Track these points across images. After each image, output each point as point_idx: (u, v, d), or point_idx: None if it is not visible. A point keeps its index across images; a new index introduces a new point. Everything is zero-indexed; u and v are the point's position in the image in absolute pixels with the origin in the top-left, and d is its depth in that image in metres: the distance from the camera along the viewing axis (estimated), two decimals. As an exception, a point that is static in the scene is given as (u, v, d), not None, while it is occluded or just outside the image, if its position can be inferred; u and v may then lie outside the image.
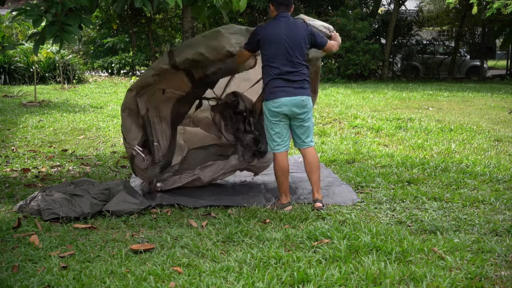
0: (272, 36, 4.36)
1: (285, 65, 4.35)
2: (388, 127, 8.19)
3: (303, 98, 4.38)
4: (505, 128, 8.25)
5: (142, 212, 4.34)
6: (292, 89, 4.35)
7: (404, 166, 5.81)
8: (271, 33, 4.37)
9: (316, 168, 4.49)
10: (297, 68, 4.38)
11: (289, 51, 4.34)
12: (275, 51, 4.35)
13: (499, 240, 3.69)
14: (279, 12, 4.46)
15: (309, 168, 4.50)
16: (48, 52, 12.61)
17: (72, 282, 3.03)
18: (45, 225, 4.02)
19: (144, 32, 20.70)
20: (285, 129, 4.46)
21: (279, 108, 4.36)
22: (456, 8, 19.22)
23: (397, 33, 20.04)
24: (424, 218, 4.13)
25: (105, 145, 7.16)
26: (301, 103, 4.38)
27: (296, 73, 4.37)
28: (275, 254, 3.37)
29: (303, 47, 4.41)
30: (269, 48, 4.36)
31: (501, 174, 5.41)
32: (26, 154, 6.51)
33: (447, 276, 3.07)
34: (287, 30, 4.38)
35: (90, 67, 19.50)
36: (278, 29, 4.38)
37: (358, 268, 3.18)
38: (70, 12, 4.25)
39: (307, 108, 4.43)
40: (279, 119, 4.41)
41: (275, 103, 4.36)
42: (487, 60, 22.16)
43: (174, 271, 3.18)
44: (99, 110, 10.15)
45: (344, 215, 4.21)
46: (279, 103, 4.35)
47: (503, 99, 12.30)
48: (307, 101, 4.42)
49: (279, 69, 4.35)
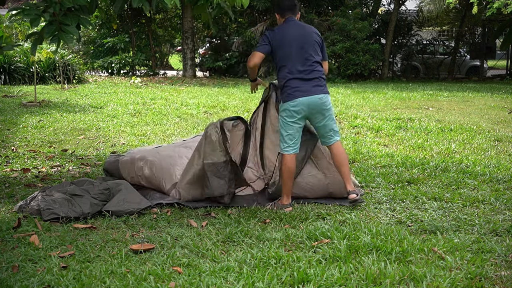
0: (283, 37, 4.40)
1: (299, 64, 4.37)
2: (388, 127, 8.19)
3: (321, 96, 4.40)
4: (505, 128, 8.25)
5: (142, 212, 4.34)
6: (309, 88, 4.36)
7: (404, 166, 5.81)
8: (282, 35, 4.42)
9: (344, 159, 4.54)
10: (311, 66, 4.40)
11: (301, 50, 4.38)
12: (288, 52, 4.38)
13: (499, 240, 3.69)
14: (286, 18, 4.52)
15: (338, 161, 4.54)
16: (48, 52, 12.60)
17: (72, 282, 3.03)
18: (45, 225, 4.02)
19: (144, 32, 20.69)
20: (298, 132, 4.46)
21: (297, 107, 4.37)
22: (456, 8, 19.22)
23: (397, 33, 20.03)
24: (424, 218, 4.13)
25: (105, 145, 7.16)
26: (319, 101, 4.39)
27: (311, 71, 4.39)
28: (275, 254, 3.38)
29: (315, 45, 4.45)
30: (281, 49, 4.40)
31: (501, 174, 5.41)
32: (26, 154, 6.51)
33: (447, 276, 3.07)
34: (297, 30, 4.44)
35: (90, 67, 19.49)
36: (288, 31, 4.44)
37: (358, 268, 3.18)
38: (69, 12, 4.25)
39: (325, 106, 4.44)
40: (295, 120, 4.41)
41: (293, 103, 4.36)
42: (487, 60, 22.16)
43: (174, 271, 3.18)
44: (99, 110, 10.15)
45: (344, 215, 4.21)
46: (297, 103, 4.36)
47: (503, 99, 12.29)
48: (325, 98, 4.43)
49: (293, 69, 4.37)
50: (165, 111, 9.95)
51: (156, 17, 21.39)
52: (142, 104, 10.89)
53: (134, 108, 10.26)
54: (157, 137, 7.59)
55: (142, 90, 13.93)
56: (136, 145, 7.07)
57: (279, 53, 4.41)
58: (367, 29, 17.19)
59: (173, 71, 22.38)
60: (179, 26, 20.89)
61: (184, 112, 9.80)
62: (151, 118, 9.20)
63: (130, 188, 4.57)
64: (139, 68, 20.42)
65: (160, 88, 14.70)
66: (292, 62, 4.37)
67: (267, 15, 19.49)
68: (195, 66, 19.54)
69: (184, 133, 7.87)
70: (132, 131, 8.06)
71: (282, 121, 4.47)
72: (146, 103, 11.10)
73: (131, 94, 12.79)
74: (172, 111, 9.96)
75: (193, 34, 18.94)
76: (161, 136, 7.68)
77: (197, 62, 20.23)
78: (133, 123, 8.74)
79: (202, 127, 8.37)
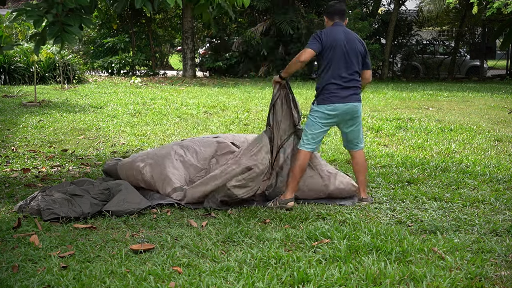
0: (332, 41, 4.48)
1: (341, 70, 4.49)
2: (388, 127, 8.20)
3: (355, 104, 4.55)
4: (505, 128, 8.26)
5: (142, 212, 4.34)
6: (346, 95, 4.50)
7: (404, 166, 5.81)
8: (332, 38, 4.49)
9: (364, 169, 4.73)
10: (351, 75, 4.53)
11: (346, 58, 4.49)
12: (333, 56, 4.48)
13: (499, 240, 3.69)
14: (334, 22, 4.62)
15: (358, 168, 4.72)
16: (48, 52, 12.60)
17: (72, 282, 3.03)
18: (45, 225, 4.02)
19: (144, 32, 20.69)
20: (323, 134, 4.59)
21: (333, 112, 4.49)
22: (456, 8, 19.23)
23: (397, 33, 20.03)
24: (424, 218, 4.13)
25: (105, 145, 7.15)
26: (353, 108, 4.54)
27: (351, 79, 4.53)
28: (275, 254, 3.38)
29: (358, 54, 4.56)
30: (329, 52, 4.48)
31: (501, 174, 5.41)
32: (26, 154, 6.51)
33: (447, 276, 3.07)
34: (346, 37, 4.53)
35: (90, 67, 19.47)
36: (338, 35, 4.51)
37: (358, 268, 3.18)
38: (71, 13, 4.24)
39: (357, 114, 4.59)
40: (326, 123, 4.55)
41: (330, 107, 4.49)
42: (487, 60, 22.16)
43: (174, 271, 3.18)
44: (99, 110, 10.14)
45: (344, 215, 4.21)
46: (333, 107, 4.48)
47: (503, 99, 12.30)
48: (359, 106, 4.59)
49: (335, 74, 4.48)
50: (165, 111, 9.95)
51: (156, 17, 21.39)
52: (142, 104, 10.89)
53: (134, 108, 10.26)
54: (157, 137, 7.59)
55: (142, 90, 13.93)
56: (136, 145, 7.08)
57: (326, 54, 4.49)
58: (367, 29, 17.19)
59: (173, 71, 22.37)
60: (179, 26, 20.89)
61: (184, 112, 9.80)
62: (151, 118, 9.20)
63: (130, 188, 4.57)
64: (139, 68, 20.41)
65: (160, 88, 14.70)
66: (335, 67, 4.48)
67: (267, 15, 19.49)
68: (195, 66, 19.54)
69: (184, 133, 7.87)
70: (132, 131, 8.06)
71: (312, 120, 4.56)
72: (146, 103, 11.10)
73: (131, 94, 12.78)
74: (172, 111, 9.96)
75: (193, 34, 18.94)
76: (161, 136, 7.67)
77: (197, 62, 20.22)
78: (133, 123, 8.74)
79: (202, 127, 8.38)
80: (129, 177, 4.85)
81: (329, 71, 4.49)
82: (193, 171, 4.89)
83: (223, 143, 5.05)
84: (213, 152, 4.98)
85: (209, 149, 5.01)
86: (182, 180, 4.77)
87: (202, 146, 5.04)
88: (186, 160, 4.93)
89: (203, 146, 5.04)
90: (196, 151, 5.00)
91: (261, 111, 9.80)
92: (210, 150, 4.99)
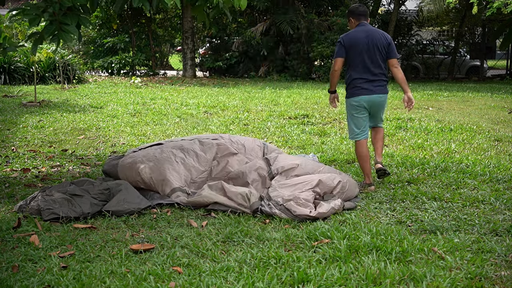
0: (354, 40, 4.97)
1: (365, 66, 4.95)
2: (388, 127, 8.20)
3: (381, 95, 5.04)
4: (505, 128, 8.25)
5: (142, 212, 4.34)
6: (371, 87, 4.98)
7: (404, 166, 5.81)
8: (354, 38, 4.99)
9: (381, 138, 5.28)
10: (376, 69, 4.98)
11: (368, 53, 4.93)
12: (356, 53, 4.95)
13: (499, 240, 3.69)
14: (360, 22, 5.08)
15: (376, 138, 5.28)
16: (48, 52, 12.61)
17: (72, 282, 3.03)
18: (45, 225, 4.02)
19: (144, 32, 20.70)
20: (364, 120, 5.10)
21: (359, 103, 5.03)
22: (456, 8, 19.22)
23: (397, 33, 20.03)
24: (424, 218, 4.13)
25: (105, 145, 7.16)
26: (379, 99, 5.04)
27: (376, 73, 4.98)
28: (275, 254, 3.38)
29: (382, 49, 4.97)
30: (352, 50, 4.96)
31: (501, 174, 5.41)
32: (26, 154, 6.51)
33: (447, 276, 3.07)
34: (367, 33, 4.98)
35: (90, 67, 19.48)
36: (359, 34, 5.00)
37: (358, 268, 3.18)
38: (68, 12, 4.25)
39: (383, 103, 5.12)
40: (359, 111, 5.07)
41: (356, 99, 5.02)
42: (487, 60, 22.16)
43: (174, 271, 3.18)
44: (99, 110, 10.14)
45: (344, 215, 4.21)
46: (359, 99, 5.02)
47: (503, 99, 12.30)
48: (384, 97, 5.08)
49: (359, 69, 4.97)
50: (165, 111, 9.95)
51: (156, 17, 21.40)
52: (142, 104, 10.89)
53: (134, 108, 10.26)
54: (157, 137, 7.59)
55: (142, 90, 13.93)
56: (136, 145, 7.07)
57: (349, 53, 4.98)
58: (367, 29, 17.16)
59: (173, 71, 22.38)
60: (179, 26, 20.89)
61: (184, 112, 9.80)
62: (151, 118, 9.20)
63: (130, 188, 4.57)
64: (139, 68, 20.42)
65: (160, 88, 14.71)
66: (359, 63, 4.96)
67: (267, 15, 19.49)
68: (195, 66, 19.54)
69: (184, 133, 7.87)
70: (132, 131, 8.06)
71: (349, 114, 5.14)
72: (146, 103, 11.10)
73: (131, 94, 12.79)
74: (172, 111, 9.96)
75: (193, 34, 18.94)
76: (161, 136, 7.68)
77: (197, 62, 20.23)
78: (133, 123, 8.74)
79: (202, 127, 8.38)
80: (128, 178, 4.87)
81: (353, 67, 4.99)
82: (194, 172, 4.99)
83: (222, 145, 5.19)
84: (213, 154, 5.12)
85: (209, 151, 5.15)
86: (182, 182, 4.83)
87: (202, 150, 5.16)
88: (187, 162, 5.04)
89: (203, 150, 5.16)
90: (197, 153, 5.12)
91: (261, 111, 9.80)
92: (211, 153, 5.14)
